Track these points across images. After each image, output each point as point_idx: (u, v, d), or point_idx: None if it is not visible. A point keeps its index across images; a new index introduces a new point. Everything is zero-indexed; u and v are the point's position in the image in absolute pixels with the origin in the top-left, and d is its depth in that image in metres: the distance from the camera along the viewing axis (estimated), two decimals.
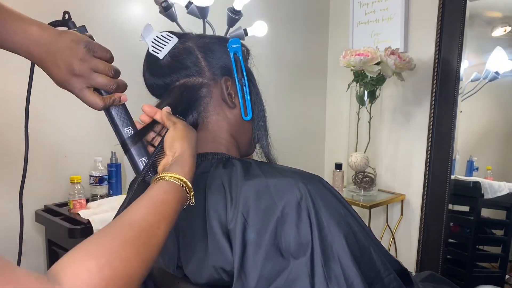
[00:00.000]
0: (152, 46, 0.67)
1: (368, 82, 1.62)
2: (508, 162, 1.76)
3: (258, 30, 1.53)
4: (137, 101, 0.66)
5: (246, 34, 1.49)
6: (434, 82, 1.73)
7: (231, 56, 0.68)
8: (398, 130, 1.91)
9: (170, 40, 0.67)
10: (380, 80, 1.62)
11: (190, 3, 1.33)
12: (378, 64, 1.55)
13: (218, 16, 1.43)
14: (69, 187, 1.35)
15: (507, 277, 1.70)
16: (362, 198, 1.75)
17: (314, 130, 2.29)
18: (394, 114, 1.92)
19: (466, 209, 1.84)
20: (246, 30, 1.49)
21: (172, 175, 0.52)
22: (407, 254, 1.90)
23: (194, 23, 1.34)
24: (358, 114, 1.74)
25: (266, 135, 0.73)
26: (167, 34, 0.68)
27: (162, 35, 0.68)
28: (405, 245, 1.92)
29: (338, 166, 1.82)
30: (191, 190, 0.54)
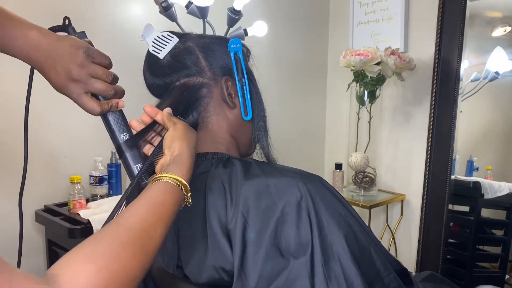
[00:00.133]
0: (152, 46, 0.67)
1: (368, 82, 1.62)
2: (508, 162, 1.76)
3: (258, 30, 1.53)
4: (137, 101, 0.66)
5: (246, 34, 1.49)
6: (434, 82, 1.73)
7: (232, 56, 0.68)
8: (398, 130, 1.91)
9: (170, 40, 0.67)
10: (380, 80, 1.62)
11: (190, 3, 1.33)
12: (378, 64, 1.55)
13: (218, 16, 1.44)
14: (69, 187, 1.35)
15: (507, 277, 1.70)
16: (362, 198, 1.75)
17: (314, 130, 2.29)
18: (394, 114, 1.92)
19: (466, 209, 1.84)
20: (246, 30, 1.49)
21: (169, 176, 0.52)
22: (407, 254, 1.90)
23: (194, 23, 1.34)
24: (358, 114, 1.74)
25: (266, 135, 0.73)
26: (168, 34, 0.68)
27: (162, 35, 0.68)
28: (405, 245, 1.92)
29: (338, 166, 1.82)
30: (189, 191, 0.54)
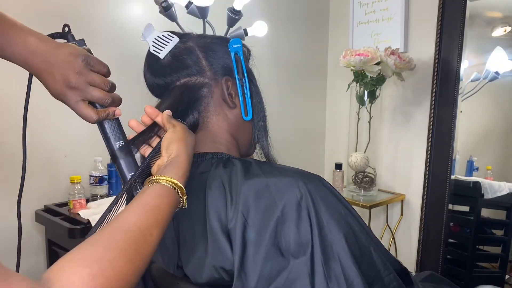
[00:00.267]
0: (153, 46, 0.67)
1: (368, 82, 1.62)
2: (508, 162, 1.76)
3: (258, 30, 1.53)
4: (137, 101, 0.66)
5: (246, 34, 1.49)
6: (434, 82, 1.73)
7: (232, 56, 0.68)
8: (398, 130, 1.91)
9: (171, 40, 0.67)
10: (380, 80, 1.62)
11: (190, 3, 1.33)
12: (378, 64, 1.55)
13: (218, 16, 1.44)
14: (69, 187, 1.35)
15: (507, 277, 1.70)
16: (362, 198, 1.75)
17: (314, 130, 2.29)
18: (394, 114, 1.92)
19: (466, 209, 1.84)
20: (246, 30, 1.49)
21: (166, 179, 0.52)
22: (407, 254, 1.90)
23: (194, 23, 1.34)
24: (358, 114, 1.74)
25: (266, 135, 0.73)
26: (168, 34, 0.68)
27: (163, 35, 0.68)
28: (405, 245, 1.92)
29: (338, 166, 1.82)
30: (184, 194, 0.54)
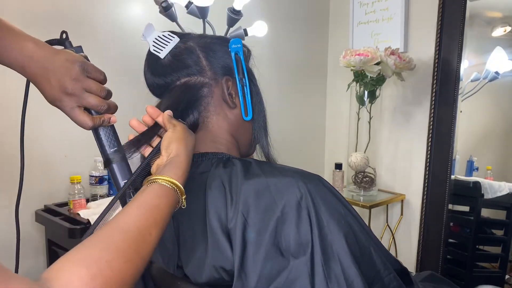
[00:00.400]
0: (153, 46, 0.67)
1: (368, 82, 1.62)
2: (508, 162, 1.76)
3: (258, 30, 1.53)
4: (137, 101, 0.66)
5: (246, 34, 1.49)
6: (434, 82, 1.73)
7: (232, 56, 0.68)
8: (398, 130, 1.91)
9: (171, 39, 0.67)
10: (380, 80, 1.62)
11: (190, 3, 1.33)
12: (378, 64, 1.55)
13: (218, 16, 1.44)
14: (69, 187, 1.35)
15: (507, 277, 1.70)
16: (362, 198, 1.75)
17: (314, 130, 2.29)
18: (394, 114, 1.92)
19: (466, 209, 1.84)
20: (246, 30, 1.49)
21: (165, 178, 0.52)
22: (407, 254, 1.90)
23: (194, 23, 1.34)
24: (358, 114, 1.74)
25: (266, 135, 0.73)
26: (169, 34, 0.68)
27: (163, 35, 0.68)
28: (405, 245, 1.92)
29: (338, 166, 1.82)
30: (183, 194, 0.54)
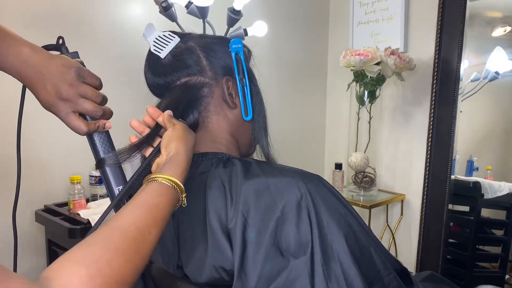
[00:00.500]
0: (154, 46, 0.67)
1: (368, 82, 1.62)
2: (508, 162, 1.76)
3: (258, 30, 1.53)
4: (137, 100, 0.66)
5: (246, 34, 1.49)
6: (434, 82, 1.73)
7: (233, 56, 0.68)
8: (398, 130, 1.91)
9: (172, 39, 0.67)
10: (380, 80, 1.62)
11: (190, 3, 1.33)
12: (378, 64, 1.55)
13: (218, 16, 1.43)
14: (69, 187, 1.35)
15: (507, 277, 1.70)
16: (362, 198, 1.75)
17: (314, 130, 2.29)
18: (394, 114, 1.92)
19: (466, 209, 1.84)
20: (246, 30, 1.49)
21: (164, 177, 0.52)
22: (407, 254, 1.90)
23: (194, 23, 1.34)
24: (358, 114, 1.74)
25: (266, 135, 0.73)
26: (169, 34, 0.68)
27: (164, 35, 0.68)
28: (405, 245, 1.92)
29: (338, 166, 1.82)
30: (183, 192, 0.54)
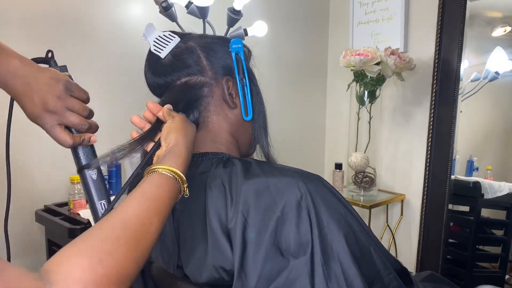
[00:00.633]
0: (154, 45, 0.67)
1: (368, 82, 1.62)
2: (508, 162, 1.76)
3: (258, 30, 1.53)
4: (137, 100, 0.66)
5: (246, 34, 1.49)
6: (434, 82, 1.73)
7: (233, 56, 0.68)
8: (398, 130, 1.91)
9: (172, 39, 0.67)
10: (380, 80, 1.62)
11: (190, 3, 1.33)
12: (378, 64, 1.55)
13: (218, 16, 1.43)
14: (69, 187, 1.35)
15: (507, 277, 1.70)
16: (362, 198, 1.75)
17: (314, 130, 2.29)
18: (394, 114, 1.92)
19: (466, 209, 1.84)
20: (246, 30, 1.49)
21: (164, 167, 0.52)
22: (407, 254, 1.90)
23: (194, 23, 1.34)
24: (358, 114, 1.74)
25: (266, 135, 0.73)
26: (169, 34, 0.68)
27: (164, 35, 0.68)
28: (405, 245, 1.92)
29: (338, 166, 1.82)
30: (185, 182, 0.54)
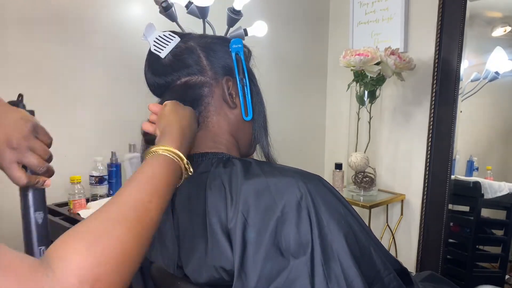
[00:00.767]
0: (154, 45, 0.67)
1: (368, 82, 1.62)
2: (508, 162, 1.76)
3: (258, 30, 1.53)
4: (137, 100, 0.66)
5: (246, 34, 1.49)
6: (434, 82, 1.73)
7: (233, 56, 0.68)
8: (398, 130, 1.91)
9: (172, 39, 0.67)
10: (380, 80, 1.62)
11: (190, 3, 1.33)
12: (378, 64, 1.55)
13: (218, 16, 1.43)
14: (69, 187, 1.35)
15: (507, 277, 1.70)
16: (362, 198, 1.75)
17: (314, 130, 2.29)
18: (394, 114, 1.92)
19: (466, 209, 1.84)
20: (246, 30, 1.49)
21: (157, 148, 0.53)
22: (407, 254, 1.90)
23: (194, 23, 1.34)
24: (358, 114, 1.74)
25: (266, 135, 0.73)
26: (169, 34, 0.68)
27: (164, 35, 0.68)
28: (405, 245, 1.92)
29: (338, 166, 1.82)
30: (183, 158, 0.54)
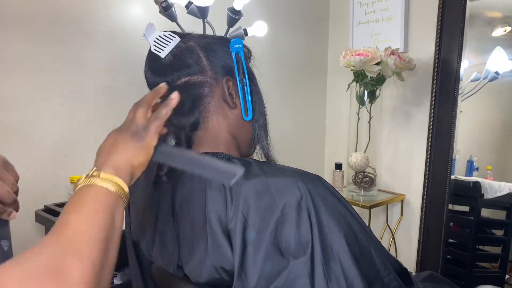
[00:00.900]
0: (154, 45, 0.67)
1: (368, 82, 1.62)
2: (508, 162, 1.76)
3: (258, 30, 1.53)
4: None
5: (246, 34, 1.49)
6: (434, 82, 1.73)
7: (233, 56, 0.68)
8: (398, 130, 1.91)
9: (172, 39, 0.67)
10: (380, 80, 1.62)
11: (190, 3, 1.33)
12: (378, 64, 1.55)
13: (218, 16, 1.43)
14: (69, 187, 1.35)
15: (507, 277, 1.70)
16: (362, 198, 1.75)
17: (314, 130, 2.29)
18: (394, 114, 1.92)
19: (466, 209, 1.84)
20: (246, 30, 1.49)
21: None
22: (407, 254, 1.90)
23: (194, 23, 1.34)
24: (358, 114, 1.74)
25: (266, 135, 0.73)
26: (169, 34, 0.68)
27: (164, 35, 0.68)
28: (405, 245, 1.92)
29: (338, 166, 1.82)
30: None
